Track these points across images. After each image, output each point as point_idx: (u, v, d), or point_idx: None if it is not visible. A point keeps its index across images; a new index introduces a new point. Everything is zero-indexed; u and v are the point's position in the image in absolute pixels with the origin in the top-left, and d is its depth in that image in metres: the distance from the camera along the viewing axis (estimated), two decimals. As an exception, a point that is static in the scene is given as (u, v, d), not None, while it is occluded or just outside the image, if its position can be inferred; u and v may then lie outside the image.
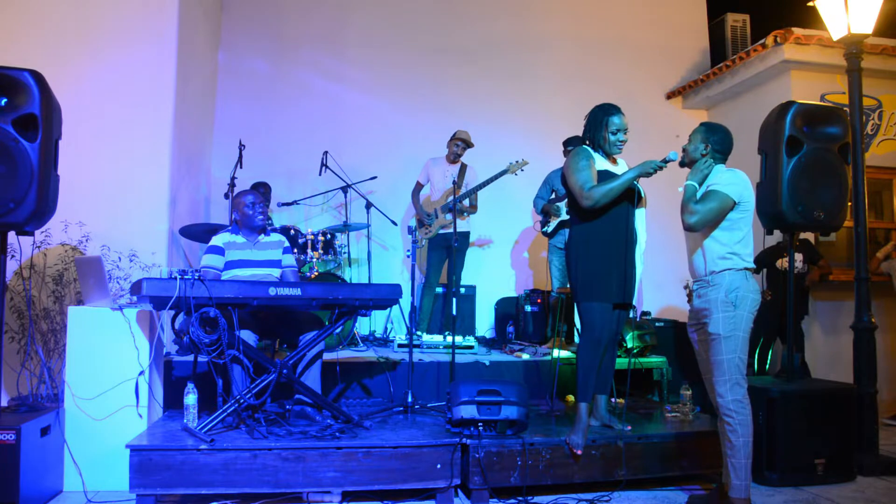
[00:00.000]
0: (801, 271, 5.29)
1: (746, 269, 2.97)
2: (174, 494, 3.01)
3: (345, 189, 5.65)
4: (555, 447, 3.25)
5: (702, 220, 2.95)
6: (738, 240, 2.98)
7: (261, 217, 3.76)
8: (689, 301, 3.19)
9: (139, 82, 4.34)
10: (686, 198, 3.01)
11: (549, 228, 5.23)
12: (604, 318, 3.22)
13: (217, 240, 3.70)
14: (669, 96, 7.19)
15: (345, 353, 4.38)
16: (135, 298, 3.19)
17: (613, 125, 3.28)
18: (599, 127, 3.30)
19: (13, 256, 3.58)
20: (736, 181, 2.96)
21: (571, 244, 3.35)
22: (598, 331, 3.22)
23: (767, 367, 5.38)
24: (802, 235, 5.27)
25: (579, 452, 3.22)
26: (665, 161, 3.10)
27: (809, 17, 4.93)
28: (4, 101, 2.97)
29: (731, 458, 2.93)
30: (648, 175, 3.14)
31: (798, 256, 5.23)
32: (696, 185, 3.03)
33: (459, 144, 5.39)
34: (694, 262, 3.09)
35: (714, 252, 2.98)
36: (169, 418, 3.49)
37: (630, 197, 3.24)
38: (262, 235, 3.82)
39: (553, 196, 5.27)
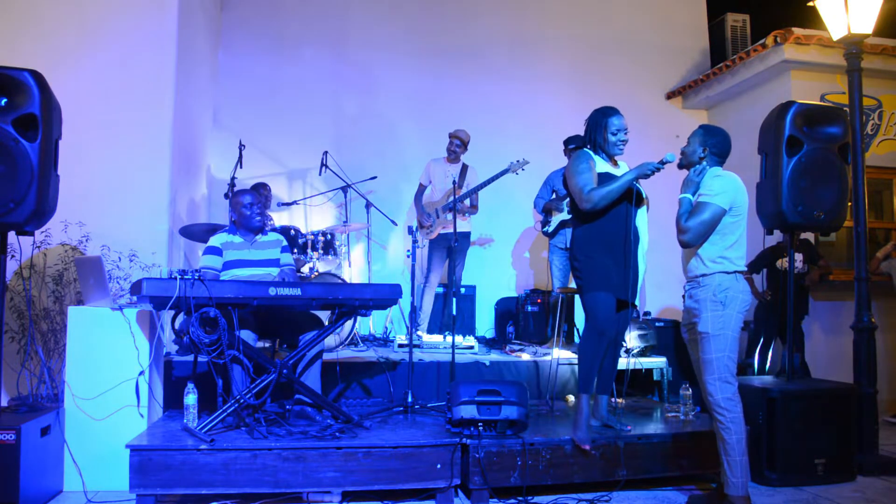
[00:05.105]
0: (801, 271, 5.29)
1: (737, 271, 3.00)
2: (174, 494, 3.01)
3: (345, 189, 5.65)
4: (555, 447, 3.25)
5: (695, 236, 2.99)
6: (730, 244, 3.00)
7: (258, 218, 3.76)
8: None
9: (139, 82, 4.34)
10: (680, 213, 3.04)
11: (550, 228, 5.23)
12: (608, 310, 3.23)
13: (214, 240, 3.70)
14: (669, 96, 7.19)
15: (345, 353, 4.38)
16: (135, 298, 3.19)
17: (613, 126, 3.30)
18: (599, 129, 3.33)
19: (13, 256, 3.58)
20: (726, 188, 2.97)
21: (575, 244, 3.38)
22: (601, 322, 3.22)
23: (767, 367, 5.38)
24: (802, 235, 5.27)
25: (587, 447, 3.21)
26: (662, 163, 3.13)
27: (809, 17, 4.93)
28: (4, 101, 2.97)
29: (726, 455, 2.95)
30: (646, 177, 3.18)
31: (798, 256, 5.23)
32: (691, 199, 3.05)
33: (454, 142, 5.40)
34: (687, 265, 3.13)
35: (706, 255, 3.02)
36: (169, 418, 3.49)
37: (630, 197, 3.25)
38: (260, 235, 3.82)
39: (553, 196, 5.27)
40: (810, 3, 4.33)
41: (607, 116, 3.32)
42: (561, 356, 4.39)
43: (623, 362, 4.00)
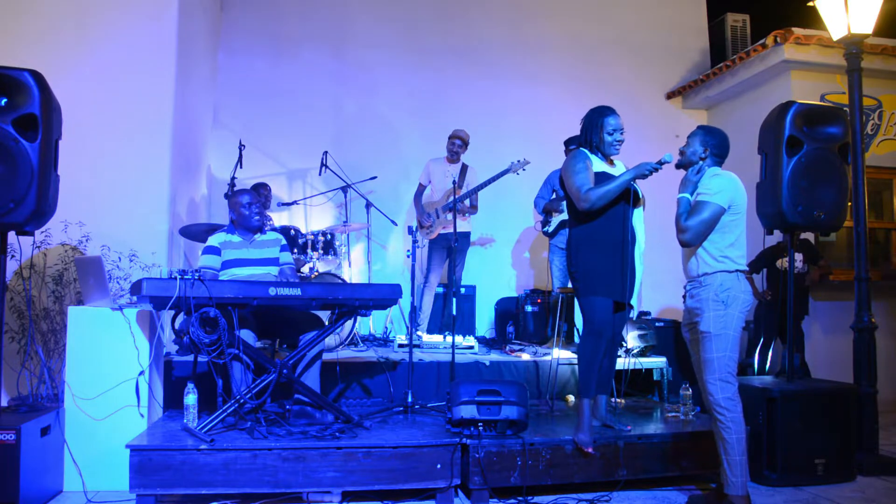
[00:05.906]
0: (801, 271, 5.28)
1: (738, 271, 3.00)
2: (174, 494, 3.01)
3: (345, 189, 5.65)
4: (555, 447, 3.25)
5: (695, 235, 2.99)
6: (730, 243, 3.00)
7: (257, 217, 3.76)
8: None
9: (139, 82, 4.33)
10: (679, 213, 3.05)
11: (551, 228, 5.23)
12: (605, 313, 3.23)
13: (213, 240, 3.70)
14: (669, 96, 7.19)
15: (345, 353, 4.38)
16: (135, 298, 3.19)
17: (609, 125, 3.30)
18: (596, 129, 3.32)
19: (13, 256, 3.58)
20: (724, 187, 2.98)
21: (571, 244, 3.37)
22: (598, 324, 3.23)
23: (767, 367, 5.38)
24: (802, 235, 5.27)
25: (590, 451, 3.21)
26: (660, 163, 3.13)
27: (809, 17, 4.93)
28: (4, 101, 2.96)
29: (726, 455, 2.96)
30: (644, 177, 3.18)
31: (798, 256, 5.23)
32: (689, 199, 3.05)
33: (456, 143, 5.40)
34: (687, 264, 3.13)
35: (706, 254, 3.02)
36: (169, 418, 3.49)
37: (627, 198, 3.25)
38: (259, 234, 3.82)
39: (554, 196, 5.27)
40: (810, 3, 4.33)
41: (603, 116, 3.31)
42: (561, 356, 4.39)
43: (623, 362, 4.00)
